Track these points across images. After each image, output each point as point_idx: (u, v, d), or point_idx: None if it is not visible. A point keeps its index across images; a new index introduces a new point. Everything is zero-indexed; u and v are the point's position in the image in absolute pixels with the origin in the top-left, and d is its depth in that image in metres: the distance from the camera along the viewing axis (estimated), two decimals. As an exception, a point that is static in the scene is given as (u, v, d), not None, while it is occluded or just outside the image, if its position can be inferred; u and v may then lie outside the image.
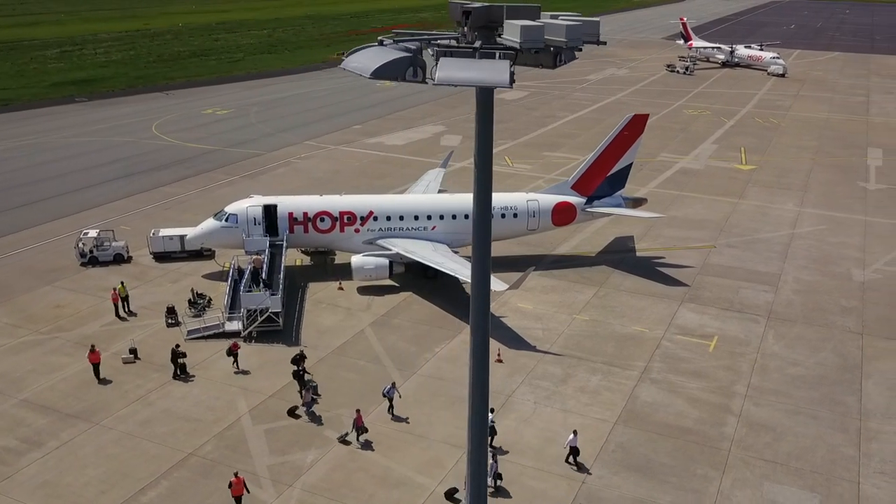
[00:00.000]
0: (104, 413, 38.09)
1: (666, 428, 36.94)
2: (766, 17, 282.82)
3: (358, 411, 35.68)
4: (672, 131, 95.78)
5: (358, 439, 35.79)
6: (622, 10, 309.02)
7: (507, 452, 34.88)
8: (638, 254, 58.03)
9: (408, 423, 37.10)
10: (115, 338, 44.83)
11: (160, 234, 56.91)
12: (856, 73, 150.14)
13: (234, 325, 45.85)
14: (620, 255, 57.53)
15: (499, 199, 55.89)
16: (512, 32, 13.87)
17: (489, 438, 34.31)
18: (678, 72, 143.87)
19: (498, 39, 14.53)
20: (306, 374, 40.02)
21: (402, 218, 53.84)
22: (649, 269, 54.99)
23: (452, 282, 52.13)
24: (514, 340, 44.84)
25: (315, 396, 38.82)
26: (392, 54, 13.43)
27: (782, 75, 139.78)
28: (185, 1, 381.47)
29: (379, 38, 14.10)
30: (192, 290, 49.84)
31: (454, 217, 54.08)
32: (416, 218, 53.88)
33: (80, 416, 37.87)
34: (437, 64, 12.81)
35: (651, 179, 75.62)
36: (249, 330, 45.25)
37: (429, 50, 14.19)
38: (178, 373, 41.17)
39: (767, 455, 34.90)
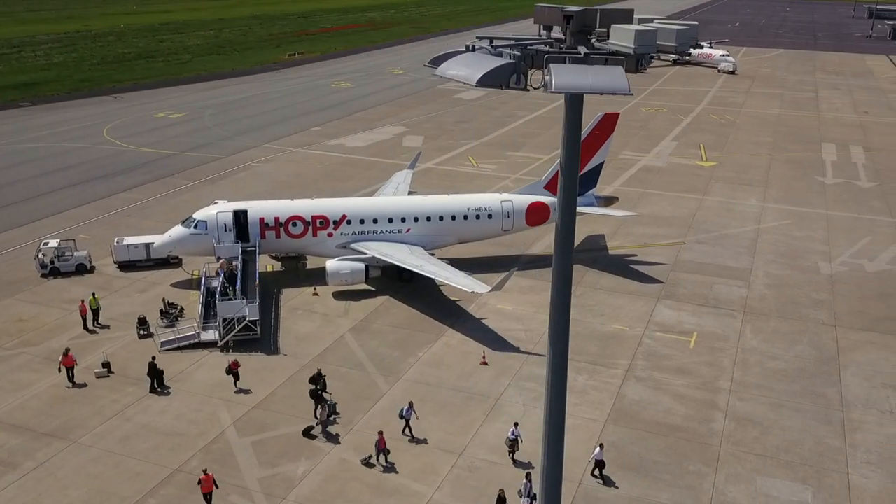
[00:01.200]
0: (81, 430, 36.65)
1: (655, 426, 37.13)
2: (711, 16, 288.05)
3: (380, 433, 34.08)
4: (632, 129, 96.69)
5: (382, 460, 34.22)
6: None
7: (532, 468, 33.67)
8: (610, 252, 58.39)
9: (404, 433, 36.12)
10: (85, 351, 43.20)
11: (124, 242, 55.19)
12: (802, 69, 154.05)
13: (210, 335, 44.68)
14: (593, 254, 57.82)
15: (472, 200, 55.84)
16: (622, 37, 13.39)
17: (512, 452, 33.89)
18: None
19: (596, 43, 14.13)
20: (325, 393, 38.37)
21: (375, 221, 53.16)
22: (623, 267, 55.37)
23: (429, 284, 51.71)
24: (498, 342, 44.61)
25: (334, 415, 37.60)
26: (493, 61, 12.96)
27: (732, 72, 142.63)
28: (125, 1, 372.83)
29: (467, 43, 13.60)
30: (164, 300, 48.39)
31: (429, 219, 53.64)
32: (391, 221, 53.26)
33: (56, 434, 36.39)
34: (546, 71, 12.36)
35: (615, 178, 76.21)
36: (226, 339, 44.13)
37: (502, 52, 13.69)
38: (156, 386, 39.89)
39: (757, 449, 35.32)
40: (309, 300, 50.56)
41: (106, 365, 41.63)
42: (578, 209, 55.82)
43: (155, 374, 39.72)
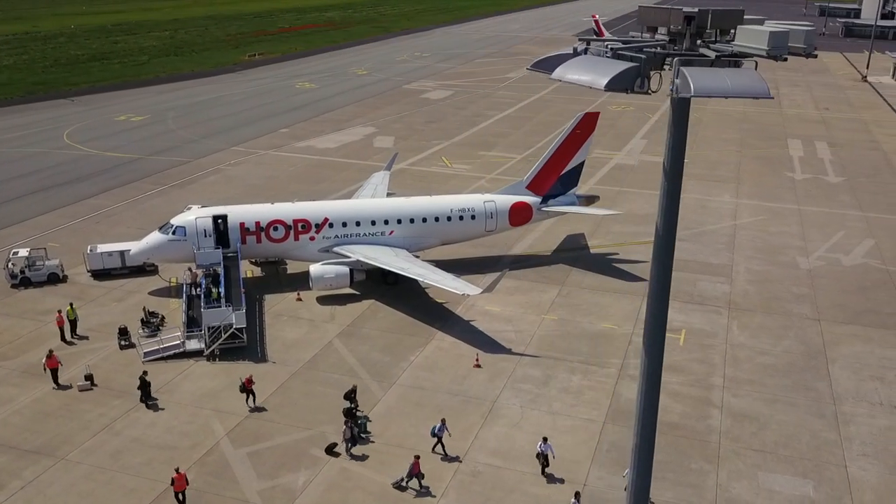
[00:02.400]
0: (68, 446, 35.40)
1: (654, 424, 37.14)
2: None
3: (416, 458, 32.77)
4: (601, 127, 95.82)
5: (415, 484, 32.72)
6: (525, 9, 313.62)
7: (563, 482, 33.35)
8: (592, 251, 58.53)
9: (435, 451, 34.99)
10: (66, 364, 41.61)
11: (98, 250, 53.65)
12: (761, 67, 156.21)
13: (196, 344, 43.60)
14: (575, 253, 57.90)
15: (455, 201, 55.51)
16: (752, 38, 12.95)
17: (542, 467, 33.46)
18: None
19: (717, 45, 13.76)
20: (357, 411, 37.05)
21: (358, 224, 52.48)
22: (606, 266, 55.53)
23: (414, 287, 51.24)
24: (489, 344, 44.31)
25: (363, 434, 36.02)
26: (615, 65, 12.57)
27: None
28: (74, 1, 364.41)
29: (574, 46, 13.21)
30: (144, 309, 47.10)
31: (412, 221, 53.13)
32: (374, 223, 52.63)
33: (42, 451, 35.09)
34: (675, 74, 12.01)
35: (589, 176, 76.36)
36: (212, 348, 43.09)
37: (602, 53, 13.26)
38: (144, 399, 38.68)
39: (756, 445, 35.58)
40: (293, 306, 49.68)
41: (89, 377, 40.32)
42: (561, 209, 56.88)
43: (144, 387, 38.52)
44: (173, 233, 50.35)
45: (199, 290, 47.06)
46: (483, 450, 35.27)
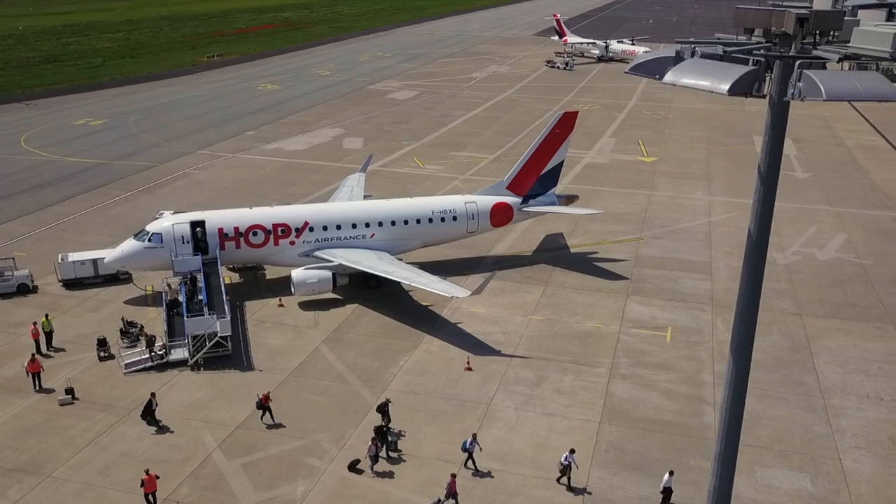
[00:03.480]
0: (53, 464, 34.18)
1: (649, 423, 37.27)
2: (625, 13, 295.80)
3: (453, 476, 31.71)
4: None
5: None
6: (481, 9, 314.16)
7: (590, 493, 32.91)
8: (572, 250, 58.61)
9: (466, 466, 33.94)
10: (44, 377, 40.32)
11: (70, 258, 52.09)
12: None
13: (180, 354, 42.51)
14: (556, 253, 57.92)
15: (436, 202, 55.15)
16: (873, 40, 12.48)
17: (567, 478, 32.88)
18: (558, 67, 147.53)
19: (829, 47, 13.43)
20: (388, 427, 35.53)
21: (339, 227, 51.77)
22: (587, 265, 55.64)
23: (398, 290, 50.75)
24: (478, 347, 44.01)
25: (392, 452, 34.77)
26: (733, 68, 12.24)
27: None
28: (20, 2, 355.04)
29: (677, 48, 12.85)
30: (123, 319, 45.79)
31: (393, 223, 52.62)
32: (355, 226, 51.97)
33: (26, 469, 33.83)
34: (799, 78, 11.71)
35: (563, 176, 76.13)
36: (197, 357, 42.06)
37: (689, 53, 12.91)
38: (148, 419, 36.85)
39: (751, 440, 35.79)
40: (275, 312, 48.80)
41: (70, 391, 39.02)
42: (542, 209, 56.85)
43: (149, 408, 36.81)
44: (149, 240, 49.02)
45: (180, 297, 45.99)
46: (482, 453, 34.81)
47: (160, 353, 42.09)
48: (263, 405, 36.85)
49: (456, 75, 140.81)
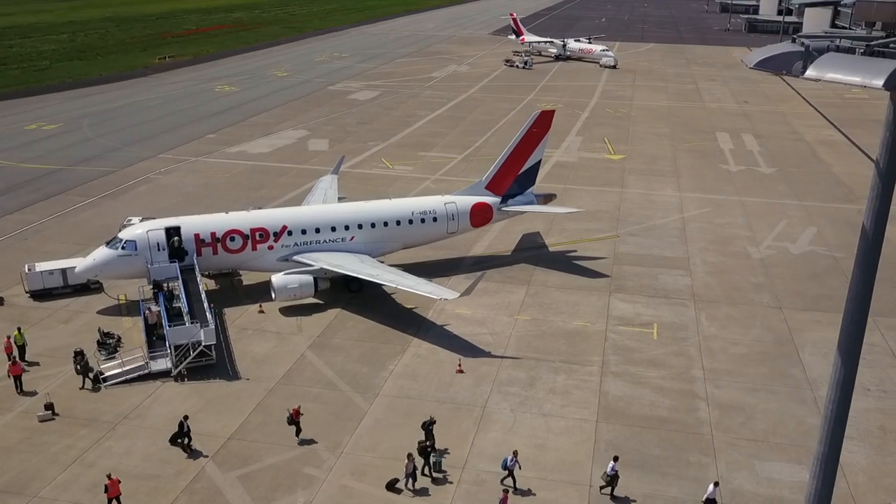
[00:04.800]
0: (38, 483, 32.75)
1: (645, 420, 37.32)
2: (576, 12, 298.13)
3: (505, 493, 31.16)
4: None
5: None
6: (433, 9, 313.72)
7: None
8: (550, 249, 58.59)
9: (504, 483, 32.76)
10: (20, 394, 38.75)
11: (37, 268, 50.14)
12: (676, 62, 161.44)
13: (162, 364, 41.21)
14: (535, 252, 57.84)
15: (416, 203, 54.58)
16: None
17: (611, 488, 32.26)
18: (517, 66, 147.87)
19: None
20: (432, 447, 33.97)
21: (318, 230, 50.86)
22: (567, 264, 55.66)
23: (380, 293, 50.12)
24: (468, 349, 43.60)
25: (438, 474, 33.30)
26: (878, 63, 11.84)
27: (614, 67, 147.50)
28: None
29: (804, 42, 12.46)
30: (99, 330, 44.25)
31: (373, 225, 51.90)
32: (334, 229, 51.12)
33: (10, 490, 32.35)
34: None
35: (533, 174, 76.71)
36: (180, 368, 40.83)
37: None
38: (182, 444, 35.06)
39: (747, 434, 36.16)
40: (256, 318, 47.69)
41: (49, 406, 37.51)
42: (521, 208, 56.70)
43: (182, 431, 34.98)
44: (123, 247, 47.49)
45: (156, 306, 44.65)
46: (482, 457, 34.55)
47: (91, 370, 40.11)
48: (294, 420, 35.50)
49: (416, 75, 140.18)
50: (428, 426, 34.79)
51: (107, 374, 40.49)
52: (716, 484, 31.29)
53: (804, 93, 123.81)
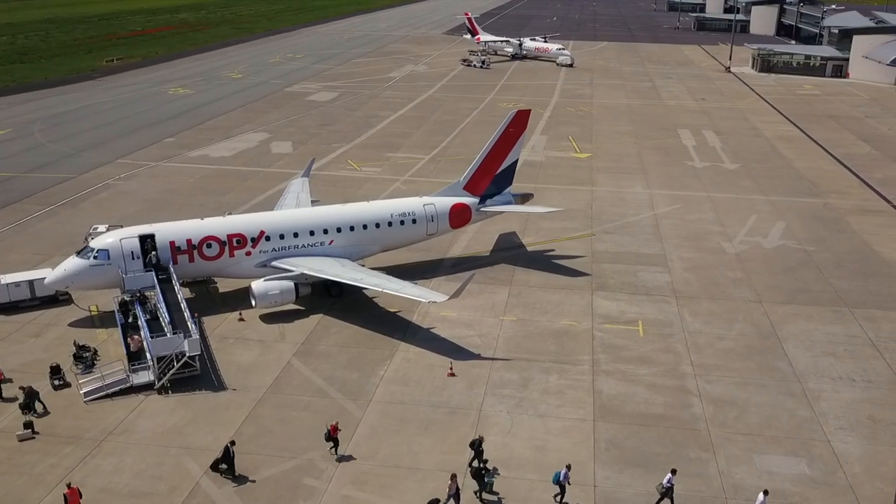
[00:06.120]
0: (24, 506, 31.35)
1: (641, 418, 37.37)
2: (527, 11, 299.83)
3: None
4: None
5: None
6: (384, 8, 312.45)
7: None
8: (528, 248, 58.51)
9: (556, 499, 32.08)
10: (-4, 413, 37.15)
11: (3, 281, 48.12)
12: (630, 60, 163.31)
13: (145, 377, 39.82)
14: (513, 252, 57.69)
15: (395, 205, 53.95)
16: None
17: (670, 501, 31.45)
18: (475, 66, 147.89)
19: None
20: (484, 467, 32.75)
21: (296, 235, 49.85)
22: (547, 263, 55.63)
23: (361, 297, 49.41)
24: (457, 351, 43.17)
25: (489, 495, 31.87)
26: None
27: (570, 65, 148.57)
28: None
29: None
30: (75, 343, 42.58)
31: (352, 229, 51.10)
32: (313, 233, 50.17)
33: (-5, 515, 30.91)
34: None
35: (502, 173, 76.60)
36: (164, 380, 39.51)
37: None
38: (229, 473, 33.19)
39: (742, 429, 36.48)
40: (237, 326, 46.51)
41: (28, 425, 35.94)
42: (499, 208, 56.48)
43: (228, 457, 33.16)
44: (95, 257, 45.84)
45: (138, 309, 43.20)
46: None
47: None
48: (332, 437, 34.23)
49: (373, 75, 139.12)
50: (478, 446, 33.52)
51: (86, 388, 39.01)
52: (673, 472, 31.57)
53: (758, 89, 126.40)
